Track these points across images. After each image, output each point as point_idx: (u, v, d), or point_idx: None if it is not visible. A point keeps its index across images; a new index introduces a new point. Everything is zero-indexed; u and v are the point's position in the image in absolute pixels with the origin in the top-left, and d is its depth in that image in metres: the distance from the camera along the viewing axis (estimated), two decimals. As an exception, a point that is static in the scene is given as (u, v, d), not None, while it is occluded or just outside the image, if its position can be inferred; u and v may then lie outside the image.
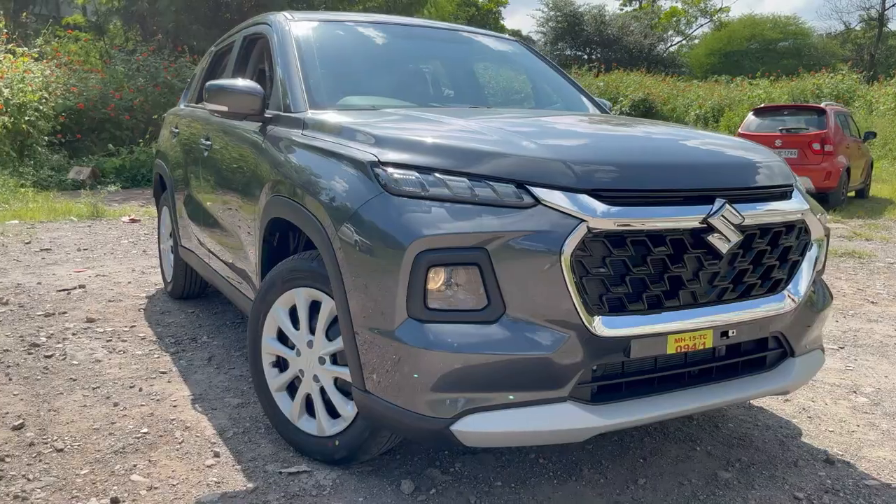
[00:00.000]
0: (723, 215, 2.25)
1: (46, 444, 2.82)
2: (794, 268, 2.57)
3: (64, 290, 5.25)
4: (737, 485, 2.67)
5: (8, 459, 2.68)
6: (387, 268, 2.14)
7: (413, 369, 2.12)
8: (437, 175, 2.21)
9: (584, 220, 2.09)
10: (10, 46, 12.44)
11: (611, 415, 2.23)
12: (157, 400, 3.29)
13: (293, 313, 2.72)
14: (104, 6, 20.63)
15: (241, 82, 3.15)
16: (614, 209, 2.13)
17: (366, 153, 2.37)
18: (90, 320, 4.49)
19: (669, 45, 39.72)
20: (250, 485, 2.54)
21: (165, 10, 16.45)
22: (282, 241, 3.01)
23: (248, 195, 3.18)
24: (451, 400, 2.12)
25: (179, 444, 2.85)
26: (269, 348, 2.80)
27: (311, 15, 3.70)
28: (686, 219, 2.23)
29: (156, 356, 3.90)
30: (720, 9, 41.84)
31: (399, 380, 2.17)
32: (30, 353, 3.87)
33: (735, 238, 2.28)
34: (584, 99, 3.90)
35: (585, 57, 34.35)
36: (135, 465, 2.66)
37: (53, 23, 21.02)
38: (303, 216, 2.56)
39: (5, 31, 12.50)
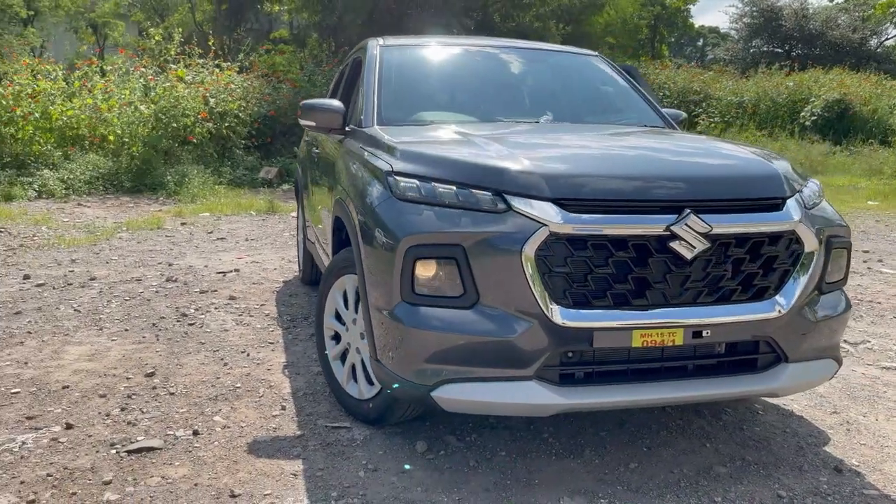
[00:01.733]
0: (686, 224, 2.47)
1: (164, 388, 3.60)
2: (784, 277, 2.70)
3: (222, 272, 6.24)
4: (727, 479, 2.83)
5: (134, 396, 3.49)
6: (388, 258, 2.61)
7: (404, 343, 2.59)
8: (433, 183, 2.64)
9: (545, 225, 2.43)
10: (217, 62, 14.32)
11: (574, 396, 2.54)
12: (258, 364, 3.99)
13: (346, 296, 3.27)
14: (305, 20, 22.86)
15: (326, 101, 3.76)
16: (573, 216, 2.44)
17: (386, 164, 2.86)
18: (232, 298, 5.38)
19: (885, 38, 36.08)
20: (299, 432, 3.13)
21: (351, 23, 17.95)
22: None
23: (329, 197, 3.79)
24: (432, 370, 2.56)
25: (259, 397, 3.51)
26: (329, 324, 3.38)
27: (402, 40, 4.25)
28: (649, 227, 2.48)
29: (271, 330, 4.65)
30: (950, -4, 37.20)
31: (396, 351, 2.64)
32: (178, 321, 4.78)
33: (701, 246, 2.49)
34: (651, 111, 4.09)
35: (783, 53, 32.19)
36: (220, 410, 3.35)
37: (261, 37, 23.58)
38: (346, 215, 3.10)
39: (213, 48, 14.40)
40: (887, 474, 2.91)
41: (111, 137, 12.82)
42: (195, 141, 12.71)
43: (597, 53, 4.48)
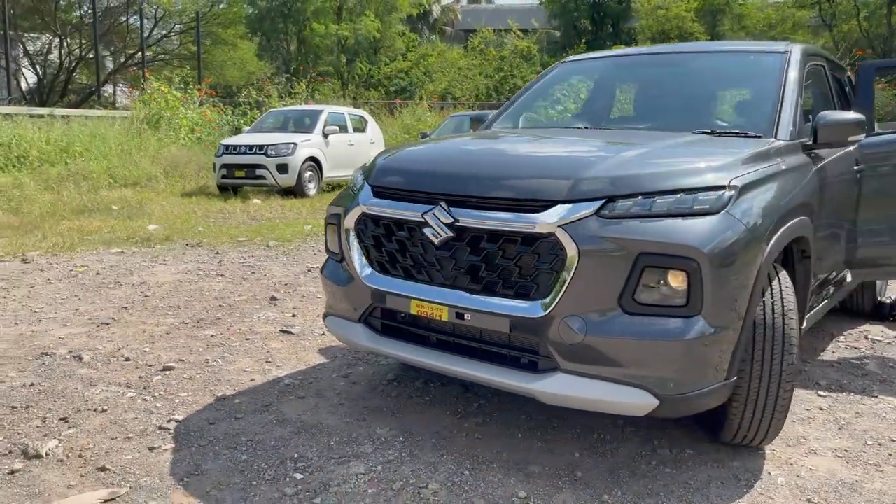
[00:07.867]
0: (434, 214, 2.83)
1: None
2: (554, 281, 2.62)
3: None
4: (559, 481, 2.82)
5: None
6: None
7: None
8: (360, 171, 3.55)
9: (359, 204, 3.16)
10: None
11: (376, 343, 3.17)
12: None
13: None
14: None
15: (482, 112, 4.66)
16: (372, 199, 3.09)
17: (377, 159, 3.82)
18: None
19: None
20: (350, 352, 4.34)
21: None
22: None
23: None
24: (327, 304, 3.55)
25: (392, 329, 4.79)
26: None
27: (586, 55, 4.66)
28: (410, 213, 2.92)
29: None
30: None
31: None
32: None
33: (444, 234, 2.80)
34: (767, 118, 3.42)
35: None
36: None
37: None
38: None
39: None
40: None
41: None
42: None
43: (783, 51, 3.79)
